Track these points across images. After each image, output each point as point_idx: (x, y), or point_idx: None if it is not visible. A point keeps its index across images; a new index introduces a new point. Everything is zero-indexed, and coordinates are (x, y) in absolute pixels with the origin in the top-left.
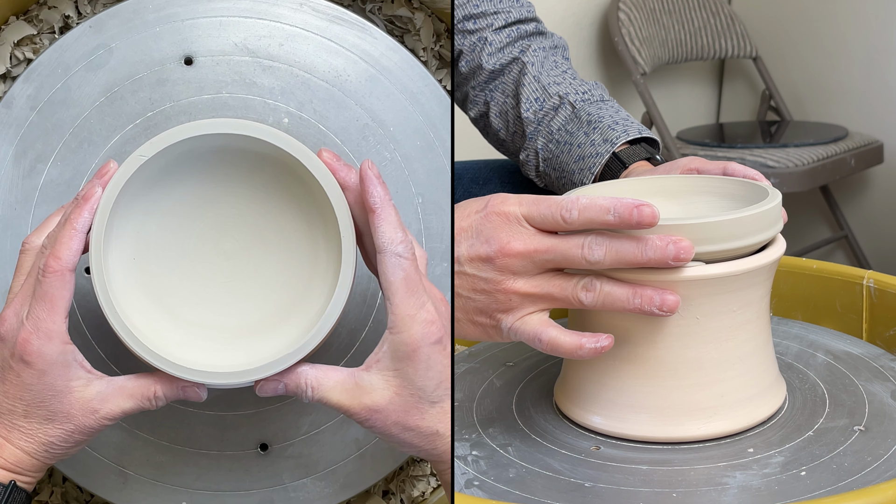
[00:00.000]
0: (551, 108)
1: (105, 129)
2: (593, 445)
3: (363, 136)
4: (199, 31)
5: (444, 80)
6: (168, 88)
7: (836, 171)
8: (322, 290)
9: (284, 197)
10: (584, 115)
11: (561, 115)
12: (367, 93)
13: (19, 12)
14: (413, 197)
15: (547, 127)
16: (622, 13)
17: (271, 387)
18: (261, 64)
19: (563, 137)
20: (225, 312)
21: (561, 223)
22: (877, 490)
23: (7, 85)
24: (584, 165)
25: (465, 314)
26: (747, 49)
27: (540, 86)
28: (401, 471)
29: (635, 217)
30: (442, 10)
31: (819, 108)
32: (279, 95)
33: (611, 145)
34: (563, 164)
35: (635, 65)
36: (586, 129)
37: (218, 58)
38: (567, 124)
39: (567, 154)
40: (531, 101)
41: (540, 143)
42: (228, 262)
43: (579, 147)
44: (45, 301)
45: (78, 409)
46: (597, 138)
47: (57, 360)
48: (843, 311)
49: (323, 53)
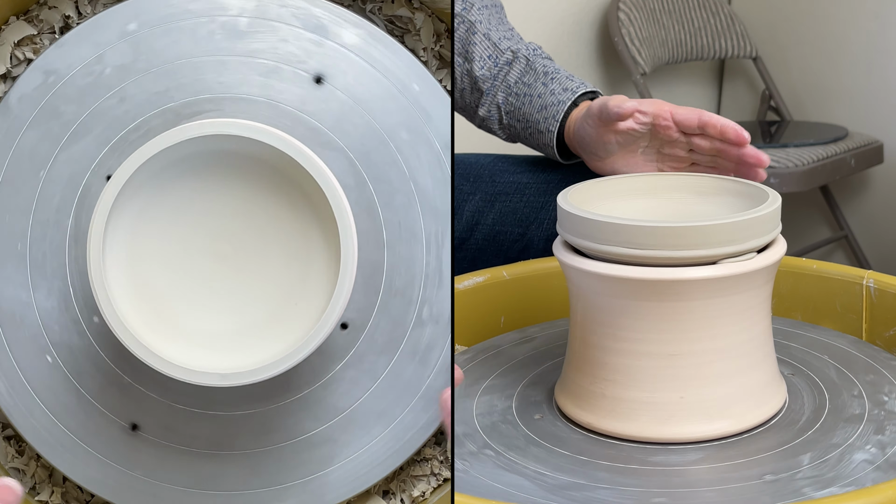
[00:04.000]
0: (505, 62)
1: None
2: (593, 445)
3: (361, 136)
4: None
5: (444, 80)
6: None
7: (836, 171)
8: (320, 291)
9: (282, 199)
10: (540, 68)
11: (516, 69)
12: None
13: (19, 12)
14: (413, 197)
15: (504, 81)
16: (622, 13)
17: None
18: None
19: (521, 90)
20: (221, 315)
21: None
22: (877, 490)
23: (7, 85)
24: (547, 115)
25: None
26: (747, 49)
27: (491, 43)
28: (401, 471)
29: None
30: (442, 10)
31: (819, 108)
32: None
33: (571, 94)
34: (527, 115)
35: (635, 65)
36: (543, 80)
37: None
38: (523, 76)
39: (529, 105)
40: (484, 59)
41: (500, 98)
42: (224, 265)
43: (539, 97)
44: None
45: None
46: (556, 87)
47: None
48: (843, 311)
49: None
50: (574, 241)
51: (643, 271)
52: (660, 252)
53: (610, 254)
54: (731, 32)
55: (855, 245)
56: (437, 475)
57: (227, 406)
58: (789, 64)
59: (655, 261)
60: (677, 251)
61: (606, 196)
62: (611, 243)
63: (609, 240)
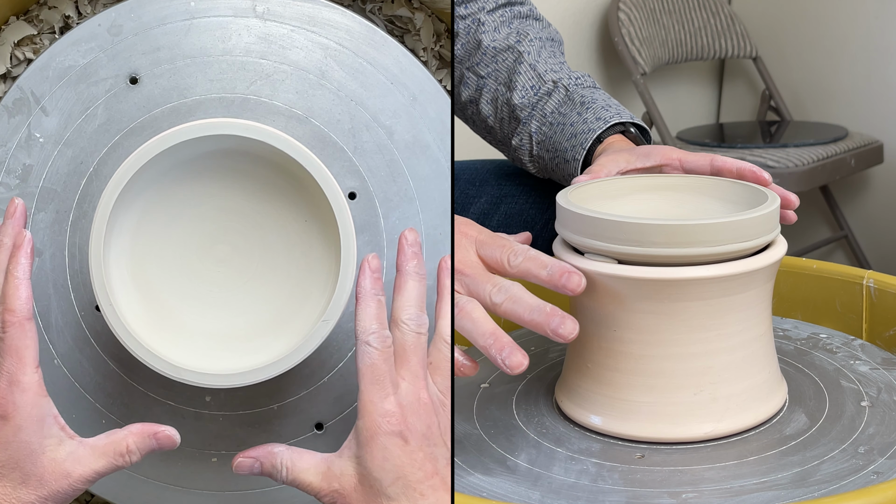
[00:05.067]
0: (545, 93)
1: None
2: (594, 446)
3: (361, 136)
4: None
5: (444, 80)
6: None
7: (836, 171)
8: (321, 292)
9: (282, 199)
10: (578, 98)
11: (554, 99)
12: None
13: (19, 12)
14: (412, 197)
15: (541, 111)
16: (622, 13)
17: (247, 464)
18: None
19: (556, 119)
20: (222, 316)
21: (506, 265)
22: (877, 490)
23: (7, 85)
24: (576, 142)
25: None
26: (747, 49)
27: (536, 73)
28: None
29: (563, 280)
30: (442, 10)
31: (819, 108)
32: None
33: (604, 123)
34: (556, 144)
35: (635, 65)
36: (579, 110)
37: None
38: (560, 107)
39: (560, 134)
40: (526, 89)
41: (534, 127)
42: (225, 266)
43: (572, 126)
44: (12, 355)
45: (51, 472)
46: (590, 117)
47: (32, 413)
48: (843, 311)
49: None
50: (573, 239)
51: (643, 270)
52: (659, 251)
53: (609, 252)
54: (731, 32)
55: (855, 245)
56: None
57: (228, 406)
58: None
59: (655, 260)
60: (677, 250)
61: (607, 195)
62: (610, 242)
63: (608, 238)
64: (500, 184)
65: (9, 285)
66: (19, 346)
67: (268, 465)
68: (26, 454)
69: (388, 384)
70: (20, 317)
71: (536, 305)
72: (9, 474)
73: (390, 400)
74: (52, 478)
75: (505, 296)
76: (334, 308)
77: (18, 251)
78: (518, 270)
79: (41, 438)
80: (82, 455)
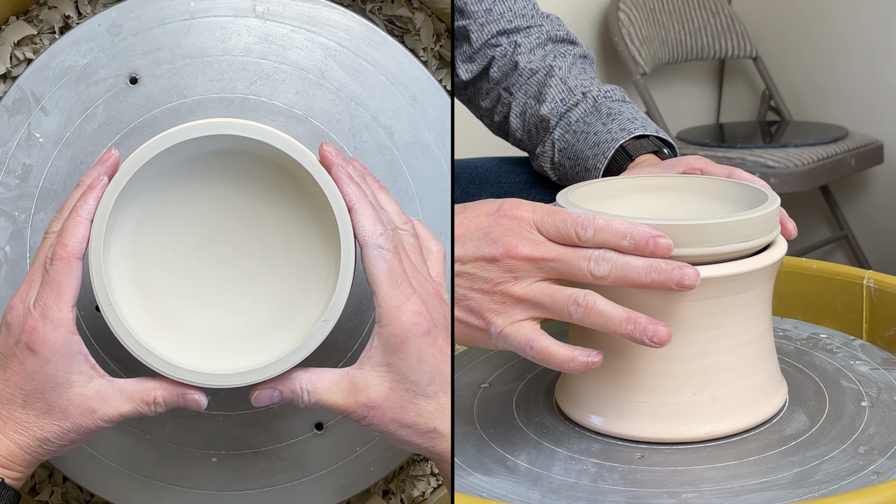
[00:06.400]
0: (573, 103)
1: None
2: (594, 446)
3: (361, 136)
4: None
5: (444, 80)
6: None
7: (836, 171)
8: (321, 292)
9: (282, 198)
10: (605, 109)
11: (581, 108)
12: (365, 92)
13: (19, 12)
14: (412, 196)
15: (566, 119)
16: (622, 13)
17: (267, 395)
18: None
19: (580, 128)
20: (222, 316)
21: (574, 239)
22: (877, 490)
23: (7, 85)
24: (598, 151)
25: (456, 312)
26: (747, 49)
27: (566, 87)
28: (401, 471)
29: (650, 246)
30: (442, 10)
31: (819, 108)
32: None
33: (627, 133)
34: (578, 152)
35: (635, 65)
36: (604, 120)
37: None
38: (586, 116)
39: (583, 142)
40: (556, 101)
41: (557, 134)
42: (225, 266)
43: (595, 135)
44: (52, 288)
45: (76, 406)
46: (614, 127)
47: (61, 349)
48: (843, 311)
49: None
50: None
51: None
52: None
53: None
54: (731, 32)
55: (855, 245)
56: (437, 475)
57: (228, 406)
58: (789, 64)
59: None
60: (677, 250)
61: (607, 195)
62: None
63: None
64: (500, 182)
65: (70, 221)
66: (61, 282)
67: (287, 391)
68: (52, 387)
69: (406, 285)
70: (70, 253)
71: (649, 264)
72: (33, 403)
73: (413, 300)
74: (77, 412)
75: (608, 265)
76: (334, 308)
77: (90, 191)
78: (593, 244)
79: (68, 374)
80: (110, 395)
